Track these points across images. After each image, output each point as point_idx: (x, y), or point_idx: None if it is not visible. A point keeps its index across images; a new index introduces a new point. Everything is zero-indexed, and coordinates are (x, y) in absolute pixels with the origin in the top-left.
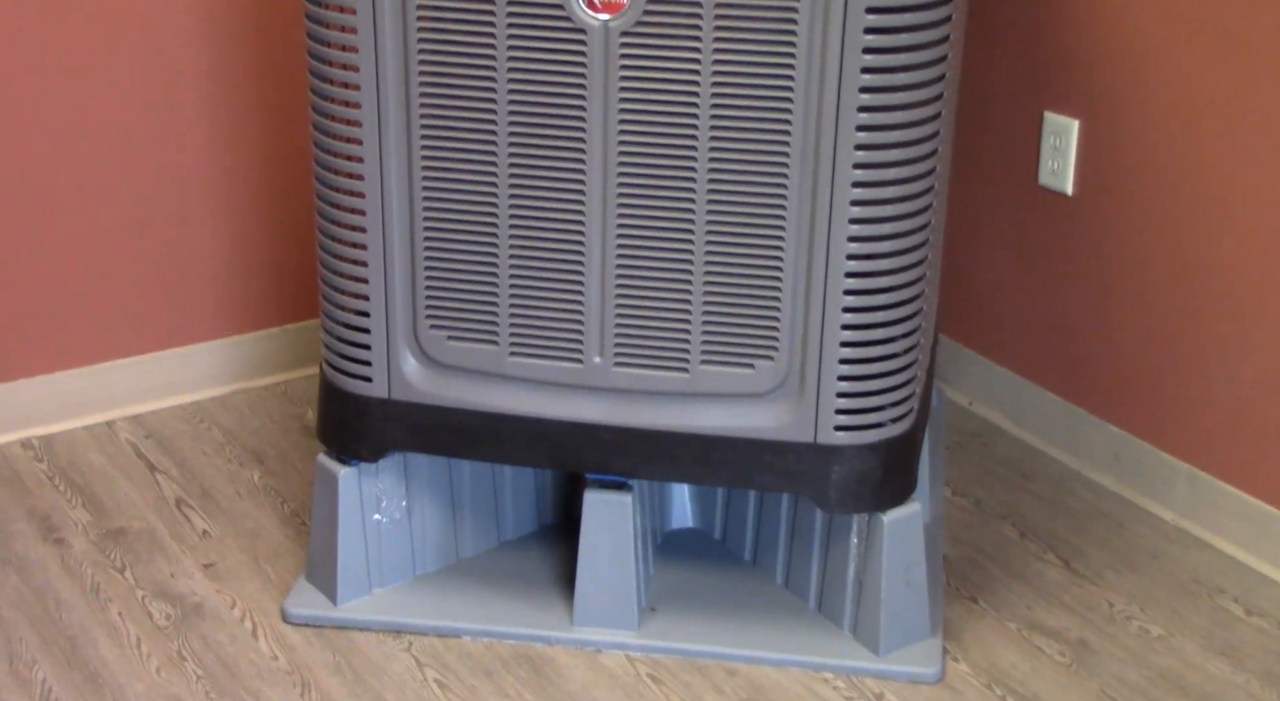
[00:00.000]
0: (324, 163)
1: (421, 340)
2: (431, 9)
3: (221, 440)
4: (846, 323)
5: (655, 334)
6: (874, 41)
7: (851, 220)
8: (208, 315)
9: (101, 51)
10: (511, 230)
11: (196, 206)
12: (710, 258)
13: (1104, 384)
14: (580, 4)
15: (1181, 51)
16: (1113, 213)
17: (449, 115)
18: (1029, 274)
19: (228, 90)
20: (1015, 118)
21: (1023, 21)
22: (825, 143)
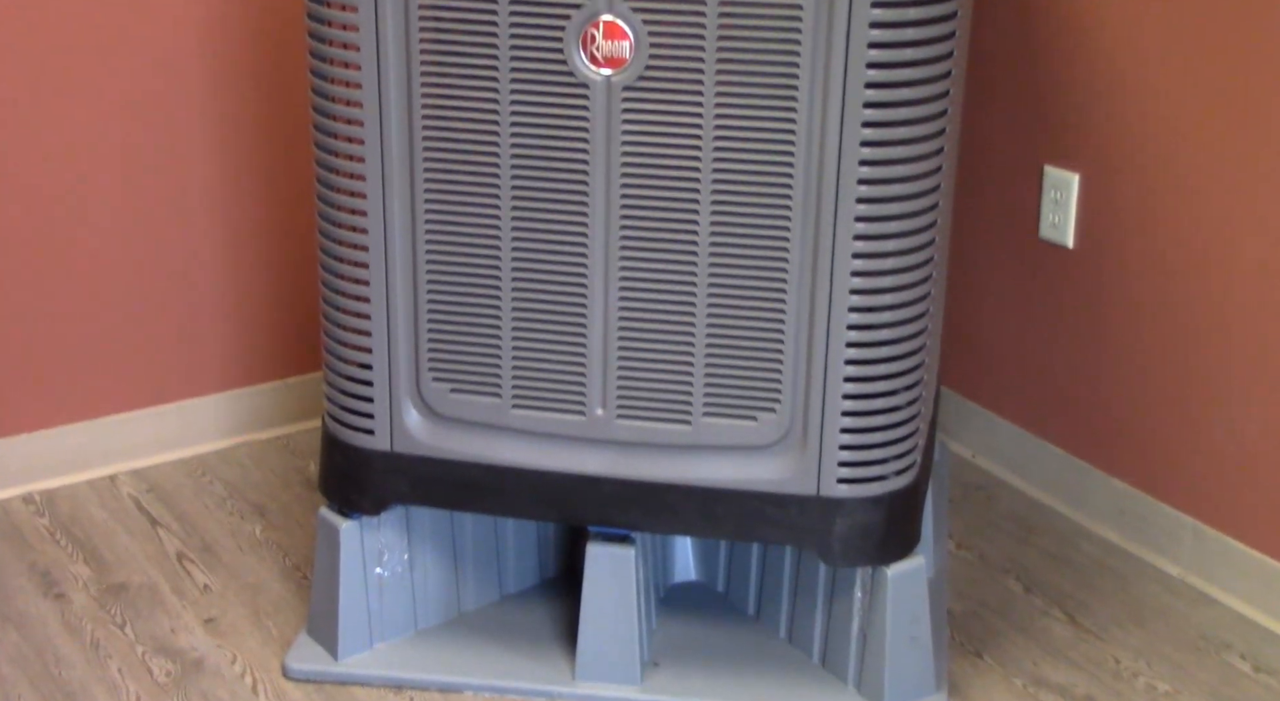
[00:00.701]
0: (328, 216)
1: (424, 392)
2: (435, 64)
3: (223, 494)
4: (848, 375)
5: (658, 386)
6: (875, 96)
7: (853, 273)
8: (210, 368)
9: (105, 106)
10: (514, 283)
11: (199, 260)
12: (712, 310)
13: (1107, 437)
14: (583, 59)
15: (1181, 105)
16: (1114, 266)
17: (452, 169)
18: (1031, 327)
19: (232, 144)
20: (1016, 171)
21: (1022, 76)
22: (826, 195)
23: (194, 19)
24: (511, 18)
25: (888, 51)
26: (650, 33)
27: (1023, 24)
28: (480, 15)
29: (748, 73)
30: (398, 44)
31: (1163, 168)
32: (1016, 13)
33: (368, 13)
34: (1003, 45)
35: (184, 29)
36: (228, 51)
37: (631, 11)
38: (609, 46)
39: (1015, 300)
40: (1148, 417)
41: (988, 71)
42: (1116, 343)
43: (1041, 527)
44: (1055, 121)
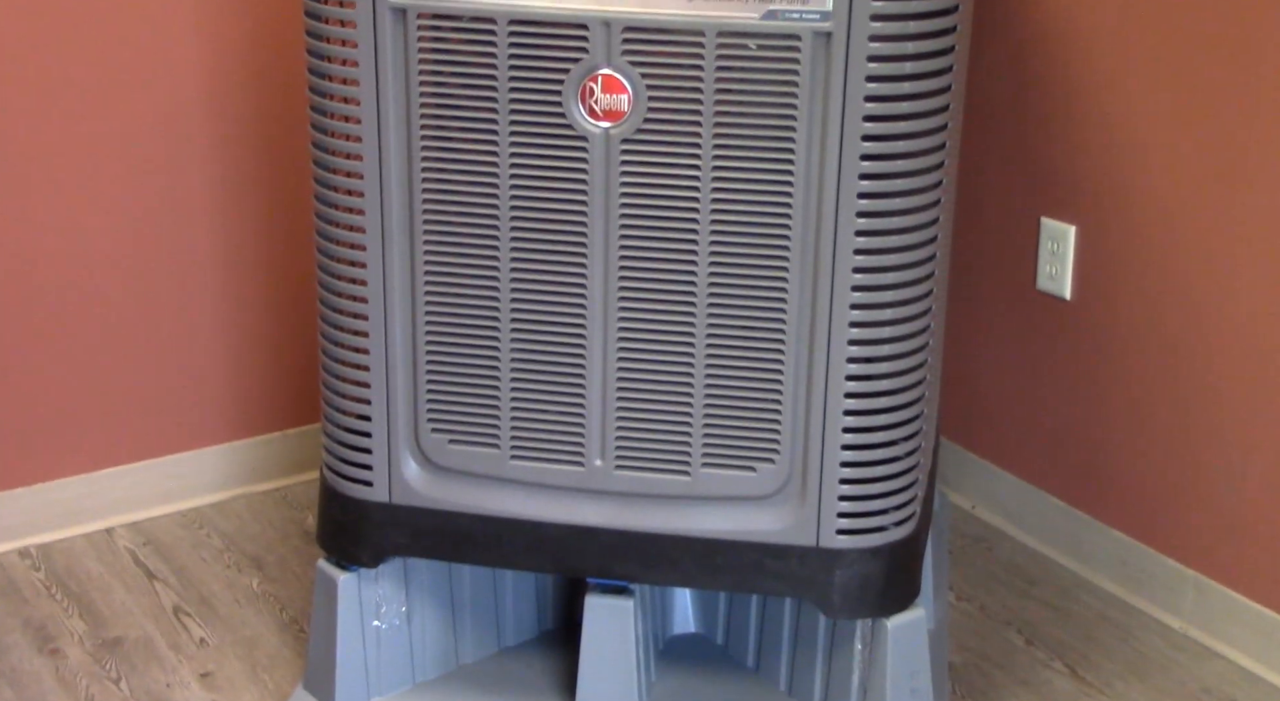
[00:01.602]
0: (328, 268)
1: (423, 444)
2: (435, 116)
3: (220, 546)
4: (847, 425)
5: (657, 436)
6: (871, 148)
7: (851, 324)
8: (209, 421)
9: (106, 160)
10: (513, 334)
11: (196, 312)
12: (711, 361)
13: (1107, 488)
14: (581, 112)
15: (1175, 159)
16: (1111, 317)
17: (452, 221)
18: (1029, 378)
19: (232, 196)
20: (1013, 223)
21: (1019, 129)
22: (824, 247)
23: (197, 71)
24: (511, 71)
25: (884, 104)
26: (649, 86)
27: (1018, 78)
28: (480, 68)
29: (745, 125)
30: (398, 96)
31: (1158, 220)
32: (1012, 67)
33: (368, 66)
34: (999, 99)
35: (187, 83)
36: (230, 107)
37: (630, 65)
38: (608, 100)
39: (1014, 351)
40: (1147, 469)
41: (984, 125)
42: (1115, 393)
43: (1042, 579)
44: (1052, 174)
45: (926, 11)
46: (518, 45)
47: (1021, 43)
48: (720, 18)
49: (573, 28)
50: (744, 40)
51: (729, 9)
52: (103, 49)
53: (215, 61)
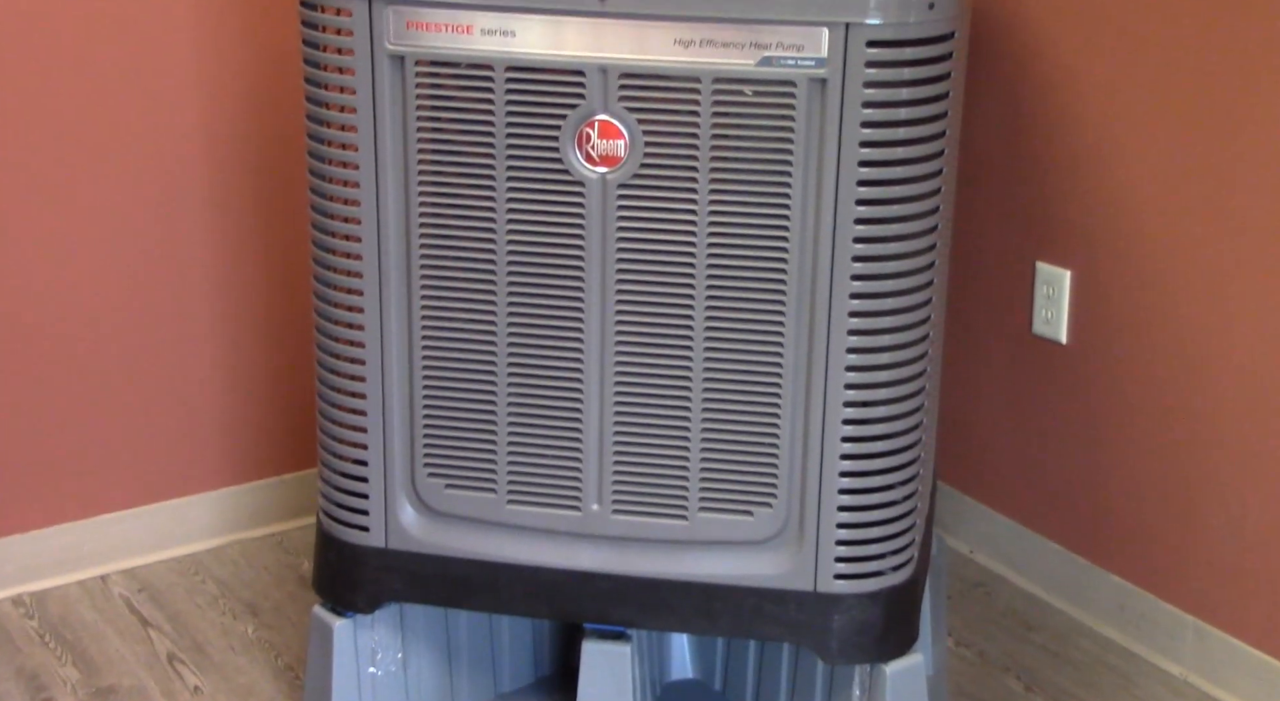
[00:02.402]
0: (325, 313)
1: (419, 488)
2: (432, 162)
3: (216, 593)
4: (844, 470)
5: (654, 481)
6: (867, 193)
7: (848, 368)
8: (205, 466)
9: (104, 208)
10: (510, 378)
11: (192, 357)
12: (708, 405)
13: (1105, 533)
14: (578, 157)
15: (1170, 200)
16: (1108, 361)
17: (449, 266)
18: (1026, 422)
19: (230, 242)
20: (1008, 267)
21: (1013, 175)
22: (820, 292)
23: (195, 118)
24: (508, 117)
25: (879, 150)
26: (645, 132)
27: (1012, 123)
28: (477, 115)
29: (741, 171)
30: (395, 143)
31: (1153, 264)
32: (1006, 112)
33: (366, 113)
34: (993, 144)
35: (185, 130)
36: (228, 154)
37: (626, 111)
38: (604, 145)
39: (1010, 395)
40: (1146, 513)
41: (979, 170)
42: (1112, 437)
43: (1041, 624)
44: (1046, 219)
45: (920, 58)
46: (515, 92)
47: (1015, 89)
48: (716, 64)
49: (570, 74)
50: (740, 87)
51: (724, 56)
52: (101, 99)
53: (214, 108)
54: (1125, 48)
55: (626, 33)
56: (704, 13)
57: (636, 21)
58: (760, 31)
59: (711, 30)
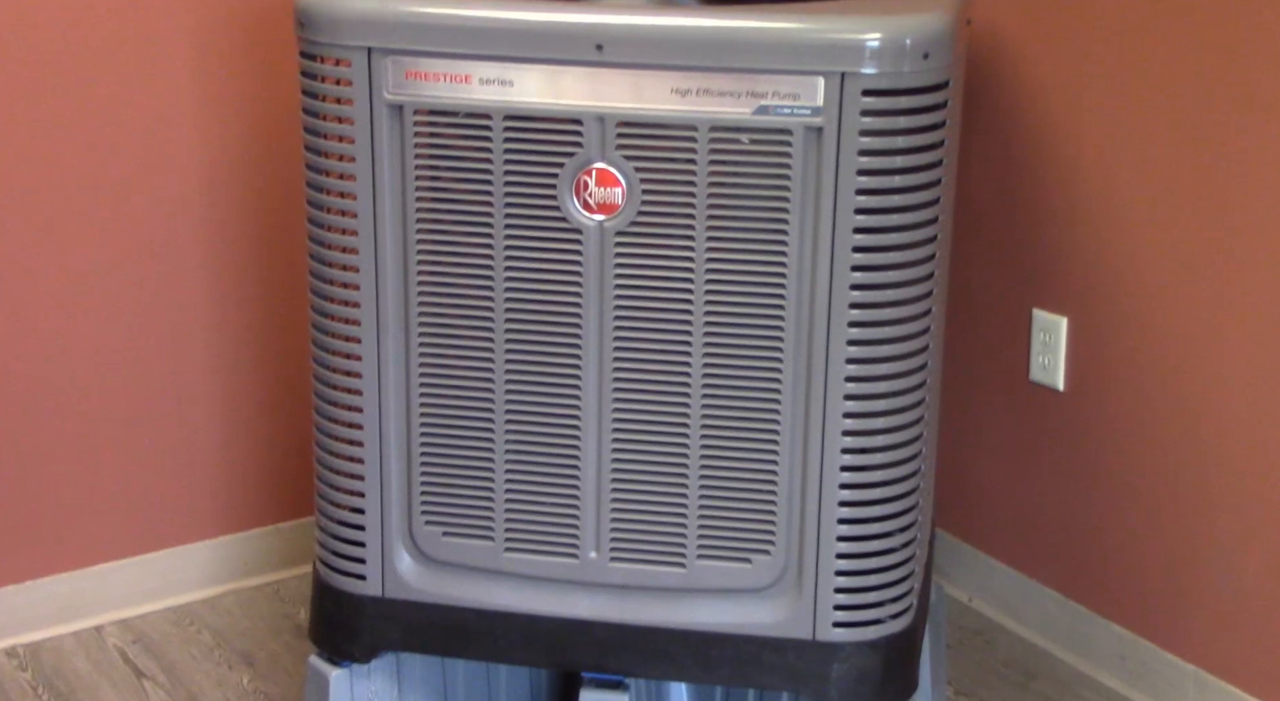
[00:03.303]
0: (322, 360)
1: (416, 536)
2: (430, 210)
3: (211, 643)
4: (843, 516)
5: (651, 528)
6: (863, 240)
7: (845, 414)
8: (201, 515)
9: (100, 253)
10: (507, 426)
11: (187, 405)
12: (705, 452)
13: (1104, 581)
14: (576, 205)
15: (1166, 247)
16: (1105, 408)
17: (446, 313)
18: (1024, 469)
19: (227, 289)
20: (1005, 314)
21: (1009, 220)
22: (818, 339)
23: (196, 171)
24: (506, 165)
25: (875, 197)
26: (642, 179)
27: (1008, 171)
28: (475, 163)
29: (738, 219)
30: (394, 191)
31: (1150, 311)
32: (1002, 160)
33: (364, 161)
34: (989, 192)
35: (185, 180)
36: (227, 202)
37: (624, 159)
38: (602, 193)
39: (1008, 442)
40: (1145, 561)
41: (975, 217)
42: (1111, 485)
43: (1041, 673)
44: (1042, 266)
45: (916, 107)
46: (513, 140)
47: (1010, 136)
48: (713, 113)
49: (567, 123)
50: (736, 135)
51: (721, 104)
52: (100, 144)
53: (213, 156)
54: (1118, 95)
55: (624, 82)
56: (700, 62)
57: (633, 71)
58: (756, 80)
59: (708, 79)
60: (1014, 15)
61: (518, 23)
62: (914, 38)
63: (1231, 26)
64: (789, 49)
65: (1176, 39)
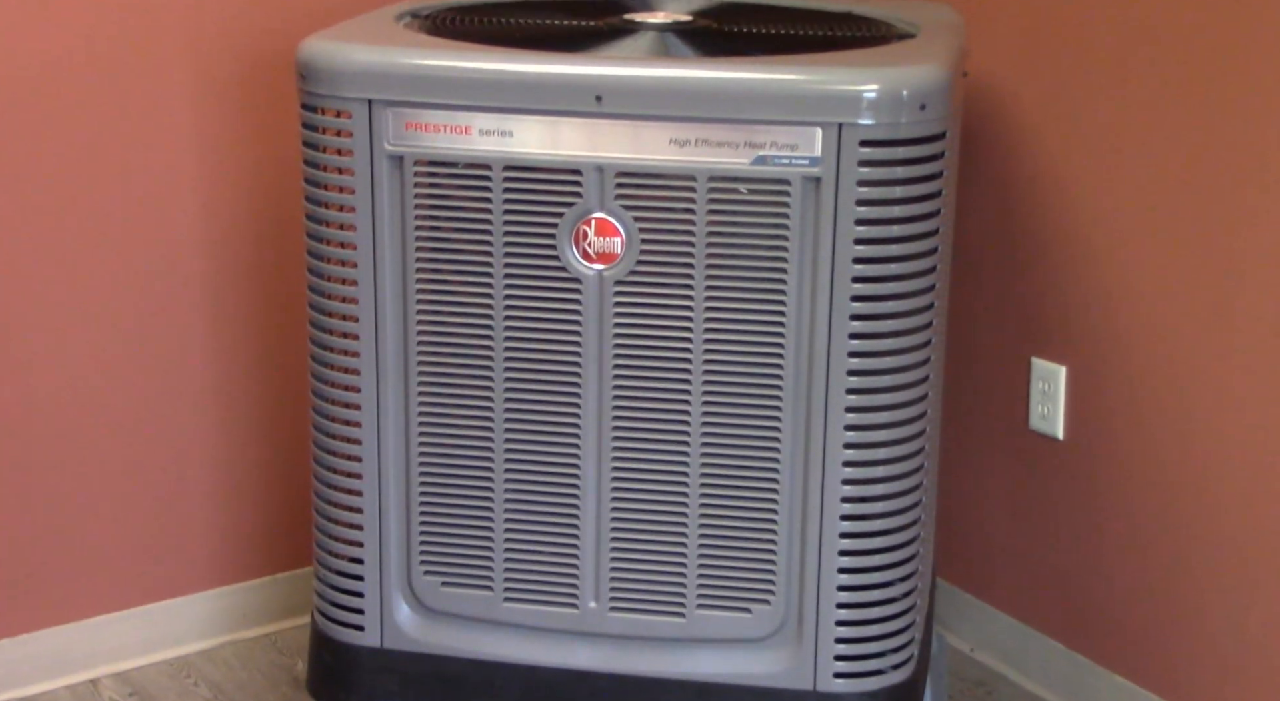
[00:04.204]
0: (321, 410)
1: (415, 586)
2: (430, 259)
3: (208, 695)
4: (843, 566)
5: (651, 578)
6: (862, 290)
7: (845, 463)
8: (198, 566)
9: (100, 303)
10: (507, 475)
11: (184, 455)
12: (705, 501)
13: (1106, 632)
14: (575, 255)
15: (1165, 295)
16: (1105, 457)
17: (446, 362)
18: (1024, 518)
19: (226, 339)
20: (1003, 363)
21: (1007, 269)
22: (817, 388)
23: (196, 222)
24: (506, 215)
25: (873, 247)
26: (641, 229)
27: (1006, 220)
28: (475, 213)
29: (737, 268)
30: (393, 240)
31: (1149, 359)
32: (1000, 209)
33: (364, 211)
34: (987, 240)
35: (185, 231)
36: (226, 250)
37: (623, 209)
38: (601, 242)
39: (1008, 491)
40: (1147, 611)
41: (973, 266)
42: (1112, 534)
43: None
44: (1040, 315)
45: (913, 158)
46: (512, 190)
47: (1007, 186)
48: (711, 163)
49: (566, 173)
50: (735, 185)
51: (719, 155)
52: (99, 194)
53: (213, 202)
54: (1114, 145)
55: (622, 132)
56: (699, 113)
57: (632, 121)
58: (755, 131)
59: (706, 130)
60: (1010, 67)
61: (517, 74)
62: (911, 89)
63: (1229, 73)
64: (787, 100)
65: (1173, 88)
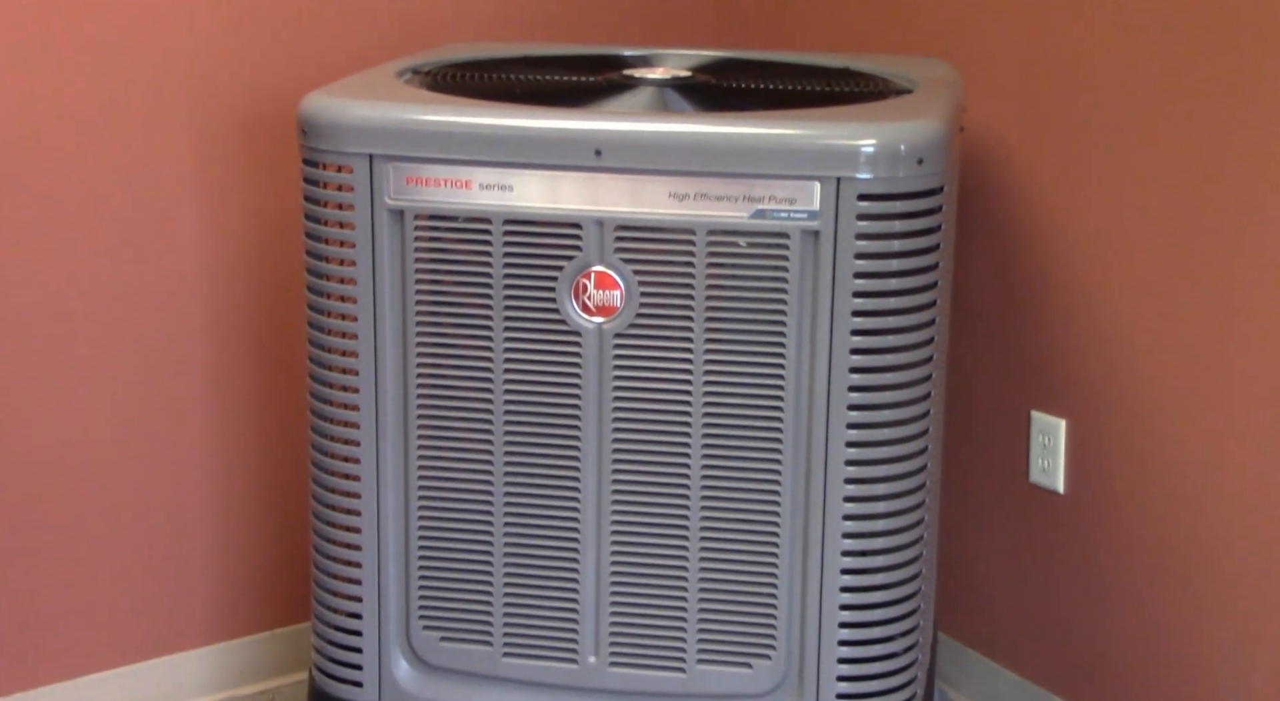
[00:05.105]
0: (320, 464)
1: (414, 641)
2: (430, 312)
3: None
4: (844, 621)
5: (651, 633)
6: (861, 342)
7: (845, 517)
8: (195, 622)
9: (99, 357)
10: (506, 529)
11: (182, 510)
12: (705, 555)
13: (1109, 688)
14: (575, 308)
15: (1164, 349)
16: (1106, 510)
17: (446, 415)
18: (1026, 573)
19: (226, 394)
20: (1003, 416)
21: (1007, 322)
22: (816, 442)
23: (197, 271)
24: (506, 268)
25: (872, 300)
26: (641, 282)
27: (1006, 274)
28: (475, 266)
29: (736, 321)
30: (394, 293)
31: (1148, 413)
32: (999, 262)
33: (365, 264)
34: (987, 294)
35: (186, 281)
36: (227, 305)
37: (622, 262)
38: (601, 296)
39: (1009, 545)
40: (1150, 665)
41: (973, 319)
42: (1114, 589)
43: None
44: (1040, 368)
45: (911, 212)
46: (512, 244)
47: (1006, 239)
48: (710, 217)
49: (566, 227)
50: (734, 238)
51: (718, 208)
52: (101, 247)
53: (214, 260)
54: (1113, 198)
55: (622, 186)
56: (698, 167)
57: (632, 176)
58: (753, 185)
59: (705, 184)
60: (1006, 121)
61: (518, 129)
62: (908, 144)
63: (1226, 124)
64: (785, 154)
65: (1170, 139)
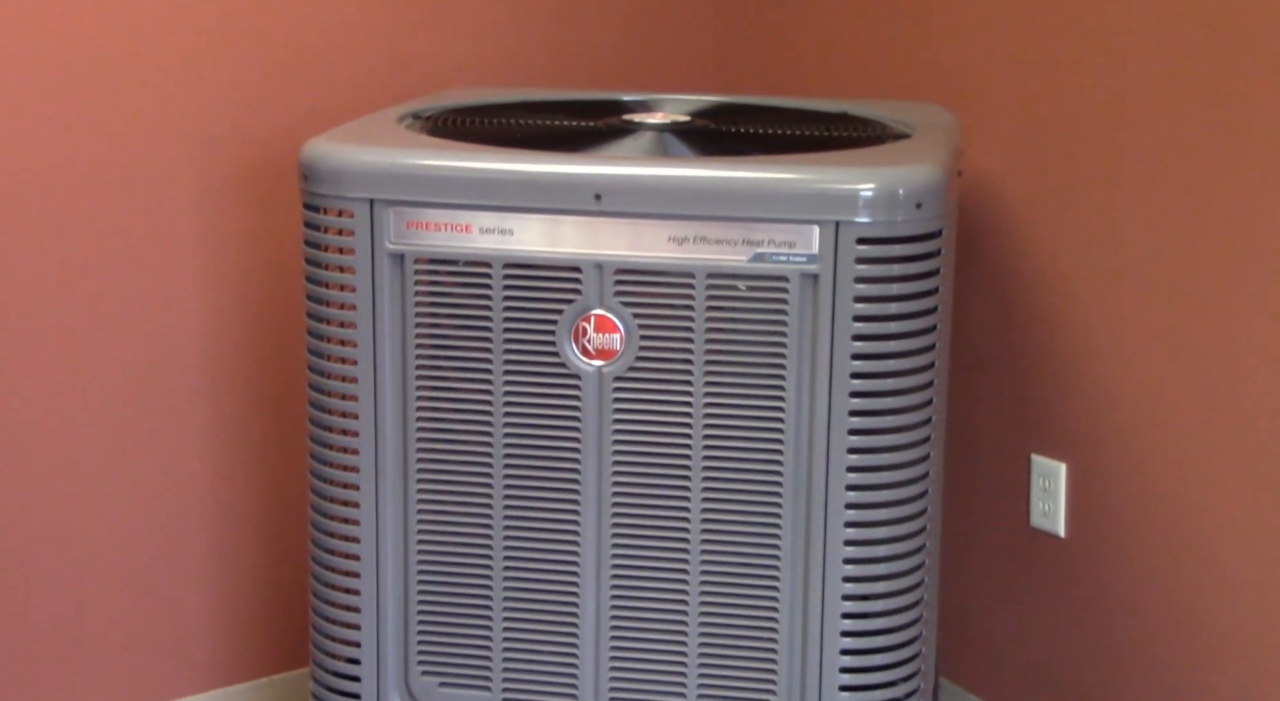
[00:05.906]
0: (320, 508)
1: (413, 687)
2: (430, 356)
3: None
4: (845, 666)
5: (651, 677)
6: (861, 386)
7: (845, 560)
8: (195, 668)
9: (94, 398)
10: (506, 574)
11: (181, 555)
12: (705, 599)
13: None
14: (574, 351)
15: (1165, 393)
16: (1108, 554)
17: (445, 459)
18: (1028, 617)
19: (226, 437)
20: (1004, 460)
21: (1007, 366)
22: (816, 485)
23: (196, 320)
24: (505, 312)
25: (871, 343)
26: (640, 325)
27: (1004, 318)
28: (475, 310)
29: (736, 364)
30: (394, 337)
31: (1149, 456)
32: (998, 307)
33: (365, 308)
34: (987, 338)
35: (185, 325)
36: (226, 350)
37: (622, 306)
38: (600, 339)
39: (1010, 590)
40: None
41: (973, 363)
42: (1114, 634)
43: None
44: (1040, 412)
45: (909, 255)
46: (512, 287)
47: (1005, 282)
48: (709, 260)
49: (566, 270)
50: (733, 282)
51: (718, 252)
52: (99, 292)
53: (214, 300)
54: (1111, 240)
55: (622, 230)
56: (697, 211)
57: (631, 219)
58: (753, 229)
59: (705, 228)
60: (1004, 165)
61: (518, 174)
62: (906, 188)
63: (1224, 166)
64: (784, 199)
65: (1167, 182)
